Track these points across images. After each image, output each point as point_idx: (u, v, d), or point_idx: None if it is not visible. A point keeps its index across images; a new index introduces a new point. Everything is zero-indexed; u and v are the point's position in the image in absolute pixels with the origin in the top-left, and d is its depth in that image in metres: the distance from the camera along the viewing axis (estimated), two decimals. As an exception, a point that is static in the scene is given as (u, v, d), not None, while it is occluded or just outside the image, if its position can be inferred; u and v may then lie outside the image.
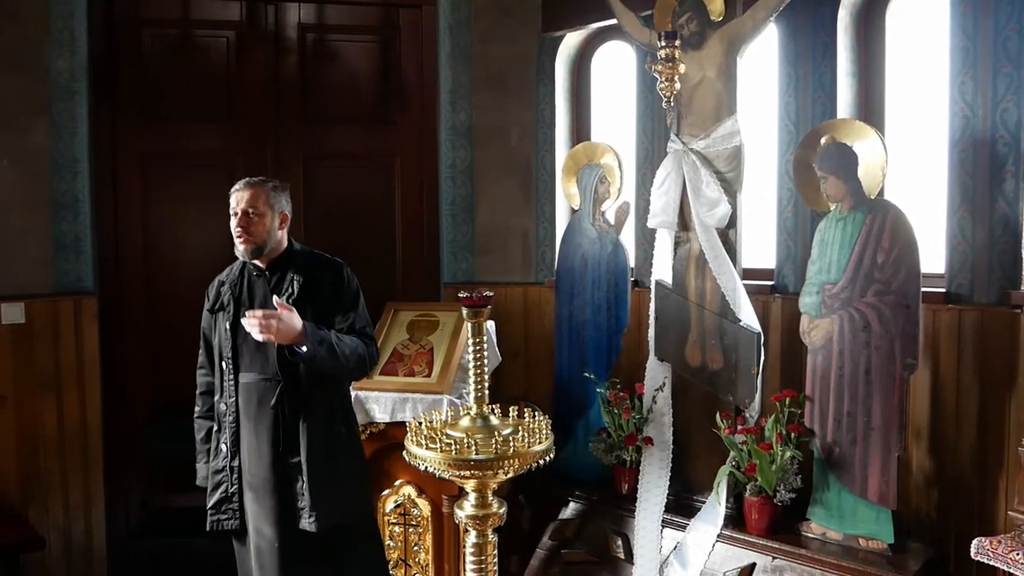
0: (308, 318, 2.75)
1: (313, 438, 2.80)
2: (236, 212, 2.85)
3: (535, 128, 4.28)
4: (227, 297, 2.90)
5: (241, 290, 2.91)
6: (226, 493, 2.88)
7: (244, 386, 2.84)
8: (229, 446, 2.86)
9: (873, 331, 2.86)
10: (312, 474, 2.79)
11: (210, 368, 2.99)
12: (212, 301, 2.95)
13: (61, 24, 3.83)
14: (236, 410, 2.85)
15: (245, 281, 2.92)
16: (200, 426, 3.02)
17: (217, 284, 2.97)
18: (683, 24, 3.25)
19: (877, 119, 3.32)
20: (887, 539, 2.86)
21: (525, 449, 2.05)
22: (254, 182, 2.90)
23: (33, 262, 3.85)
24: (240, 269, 2.95)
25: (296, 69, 4.23)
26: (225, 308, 2.90)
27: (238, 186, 2.91)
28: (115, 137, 4.07)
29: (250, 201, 2.83)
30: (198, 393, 3.05)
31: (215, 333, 2.93)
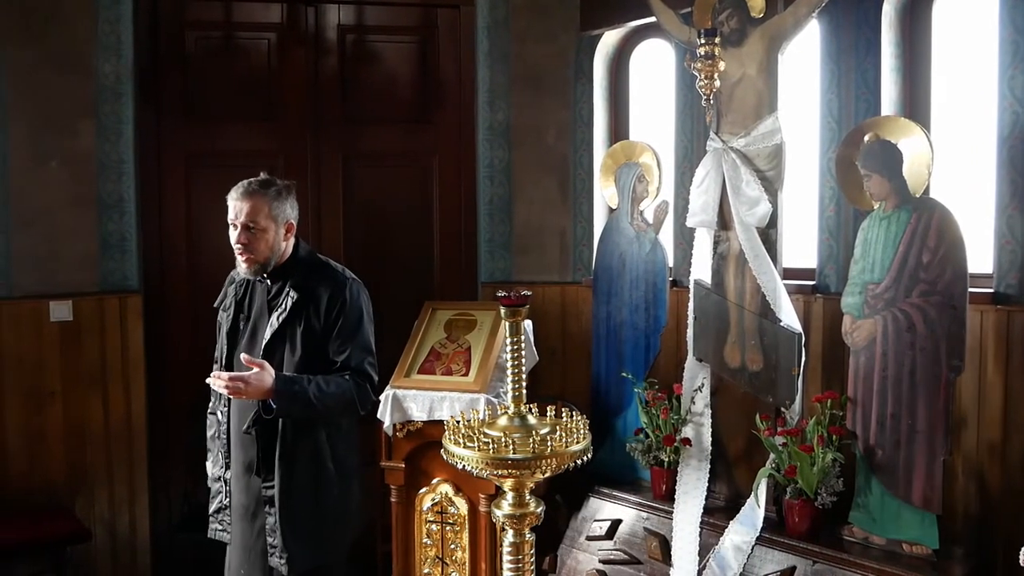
0: (298, 338, 2.60)
1: (292, 470, 2.60)
2: (235, 224, 2.61)
3: (573, 127, 4.27)
4: (228, 301, 2.82)
5: (244, 294, 2.79)
6: (221, 504, 2.82)
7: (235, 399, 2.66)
8: (223, 458, 2.76)
9: (918, 332, 2.81)
10: (286, 511, 2.59)
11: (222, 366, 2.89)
12: (219, 300, 2.89)
13: (108, 28, 3.92)
14: (228, 419, 2.74)
15: (249, 285, 2.81)
16: (211, 422, 2.87)
17: (226, 284, 2.92)
18: (723, 21, 3.22)
19: (923, 116, 3.26)
20: (932, 544, 2.81)
21: (563, 449, 2.05)
22: (254, 190, 2.65)
23: (80, 261, 3.94)
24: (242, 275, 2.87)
25: (336, 70, 4.27)
26: (227, 311, 2.79)
27: (236, 193, 2.65)
28: (159, 138, 4.15)
29: (250, 214, 2.60)
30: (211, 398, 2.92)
31: (218, 333, 2.86)
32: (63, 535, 3.63)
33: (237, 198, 2.66)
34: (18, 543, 3.54)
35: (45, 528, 3.64)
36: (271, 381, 2.50)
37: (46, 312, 3.84)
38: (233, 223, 2.64)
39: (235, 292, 2.84)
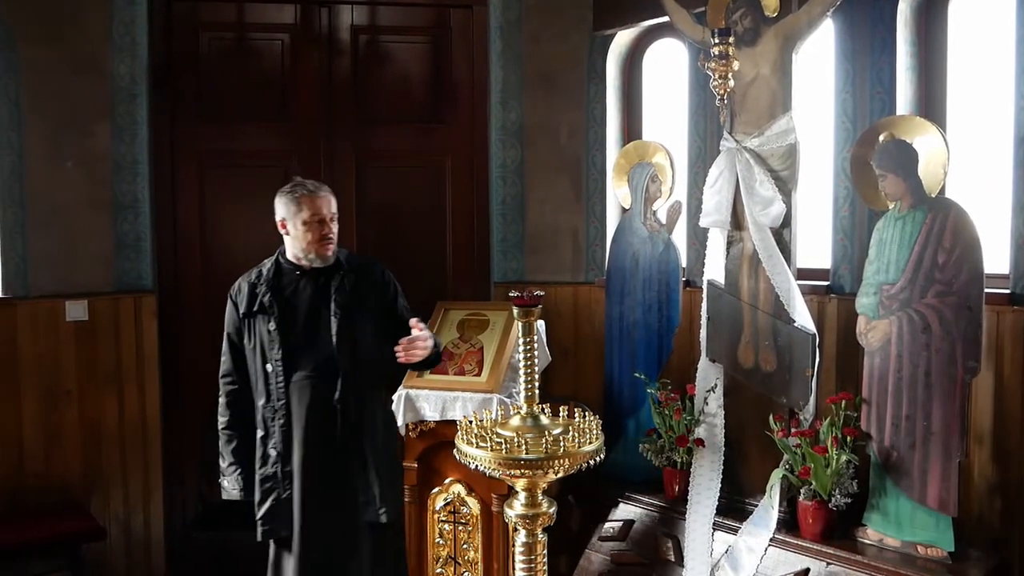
0: (365, 315, 2.87)
1: (376, 430, 2.87)
2: (320, 218, 2.85)
3: (586, 127, 4.27)
4: (267, 299, 2.88)
5: (287, 291, 2.90)
6: (277, 500, 2.86)
7: (297, 385, 2.84)
8: (281, 450, 2.85)
9: (933, 333, 2.79)
10: (378, 465, 2.85)
11: (239, 375, 2.95)
12: (246, 305, 2.92)
13: (123, 30, 3.95)
14: (287, 411, 2.84)
15: (286, 282, 2.91)
16: (229, 437, 2.97)
17: (247, 288, 2.94)
18: (737, 20, 3.20)
19: (938, 115, 3.24)
20: (947, 547, 2.78)
21: (575, 449, 2.05)
22: (327, 188, 2.94)
23: (96, 261, 3.97)
24: (275, 271, 2.93)
25: (349, 70, 4.28)
26: (268, 310, 2.87)
27: (316, 191, 2.88)
28: (174, 139, 4.17)
29: (331, 208, 2.90)
30: (224, 403, 2.98)
31: (252, 337, 2.91)
32: (78, 533, 3.66)
33: (322, 195, 2.89)
34: (34, 541, 3.57)
35: (60, 526, 3.67)
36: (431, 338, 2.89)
37: (62, 312, 3.88)
38: (316, 218, 2.85)
39: (270, 293, 2.89)
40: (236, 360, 2.96)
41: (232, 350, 2.97)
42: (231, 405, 2.97)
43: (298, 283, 2.92)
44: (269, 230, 4.25)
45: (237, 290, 2.98)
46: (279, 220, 2.92)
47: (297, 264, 2.93)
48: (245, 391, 2.95)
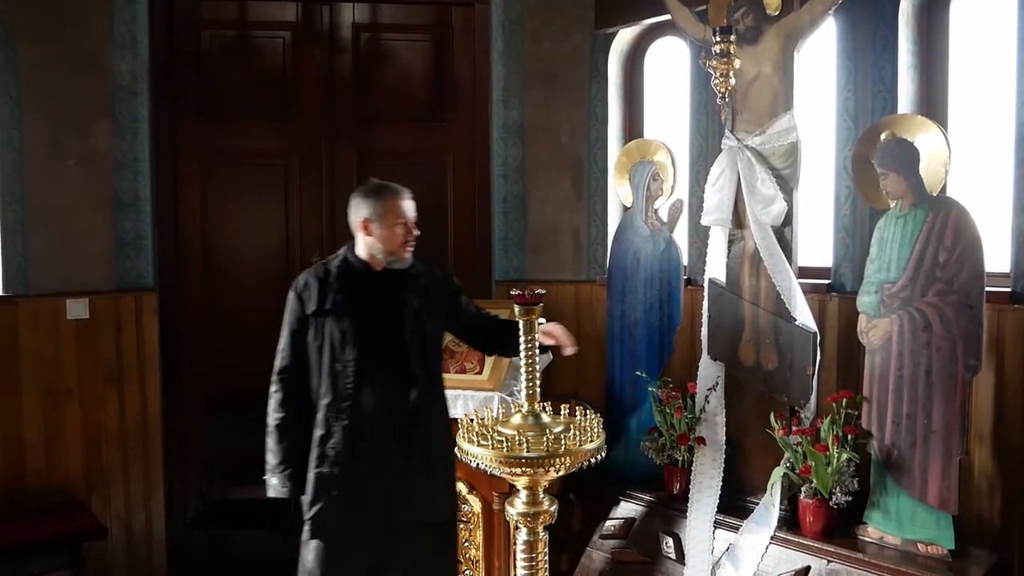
0: (434, 314, 2.93)
1: (441, 429, 2.88)
2: (406, 220, 2.87)
3: (587, 125, 4.27)
4: (340, 299, 2.85)
5: (360, 291, 2.87)
6: (332, 500, 2.82)
7: (367, 386, 2.80)
8: (341, 449, 2.80)
9: (934, 331, 2.79)
10: (441, 465, 2.88)
11: (298, 373, 2.89)
12: (316, 302, 2.86)
13: (123, 27, 3.95)
14: (352, 412, 2.80)
15: (358, 282, 2.88)
16: (283, 434, 2.88)
17: (316, 285, 2.87)
18: (739, 19, 3.20)
19: (940, 114, 3.24)
20: (948, 545, 2.79)
21: (576, 447, 2.05)
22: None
23: (97, 259, 3.97)
24: (344, 269, 2.89)
25: (350, 68, 4.28)
26: (342, 310, 2.83)
27: (403, 192, 2.91)
28: (175, 137, 4.18)
29: (414, 211, 2.92)
30: (281, 400, 2.89)
31: (319, 335, 2.85)
32: (79, 532, 3.66)
33: (408, 199, 2.92)
34: (35, 540, 3.57)
35: (62, 525, 3.67)
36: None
37: (63, 310, 3.88)
38: (403, 221, 2.88)
39: (342, 292, 2.86)
40: (298, 357, 2.89)
41: (294, 347, 2.89)
42: (287, 402, 2.89)
43: (371, 283, 2.89)
44: (270, 226, 4.29)
45: (303, 286, 2.90)
46: (359, 220, 2.86)
47: (369, 264, 2.89)
48: (303, 389, 2.89)
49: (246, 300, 4.28)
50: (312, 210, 4.29)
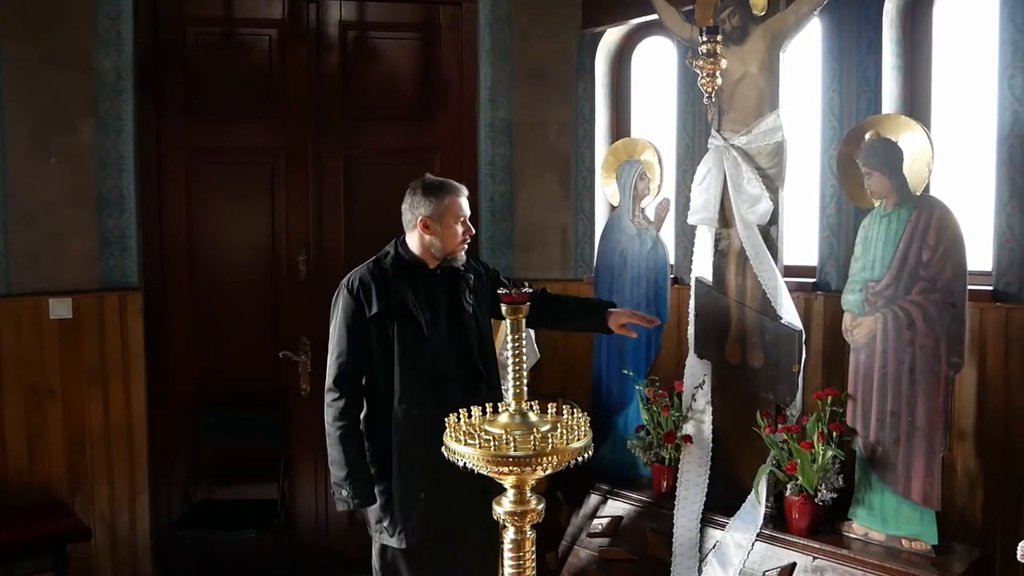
0: (485, 307, 2.94)
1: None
2: (465, 220, 2.87)
3: (575, 124, 4.27)
4: (403, 297, 2.80)
5: (420, 290, 2.83)
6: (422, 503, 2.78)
7: (444, 385, 2.77)
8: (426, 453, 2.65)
9: (918, 329, 2.82)
10: None
11: (360, 377, 2.83)
12: (379, 302, 2.79)
13: (108, 24, 3.91)
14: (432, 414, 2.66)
15: (415, 280, 2.84)
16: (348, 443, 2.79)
17: (375, 284, 2.81)
18: (725, 19, 3.22)
19: (923, 114, 3.26)
20: (931, 540, 2.81)
21: (564, 446, 2.05)
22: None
23: (80, 258, 3.94)
24: (400, 267, 2.85)
25: (337, 66, 4.26)
26: (410, 309, 2.79)
27: (462, 190, 2.89)
28: (160, 134, 4.14)
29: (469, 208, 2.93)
30: (342, 408, 2.79)
31: (386, 337, 2.79)
32: (63, 533, 3.63)
33: (465, 197, 2.91)
34: (18, 541, 3.54)
35: (45, 526, 3.64)
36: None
37: (46, 309, 3.84)
38: (463, 219, 2.88)
39: (410, 292, 2.82)
40: (359, 361, 2.81)
41: (353, 350, 2.79)
42: (351, 408, 2.80)
43: (429, 281, 2.86)
44: (257, 225, 4.26)
45: (359, 286, 2.82)
46: (419, 218, 2.82)
47: (424, 262, 2.86)
48: (361, 393, 2.84)
49: (232, 299, 4.26)
50: (299, 209, 4.27)
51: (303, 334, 4.26)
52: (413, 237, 2.87)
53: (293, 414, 4.31)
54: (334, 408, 2.81)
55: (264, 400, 4.26)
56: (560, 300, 3.26)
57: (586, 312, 3.25)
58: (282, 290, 4.28)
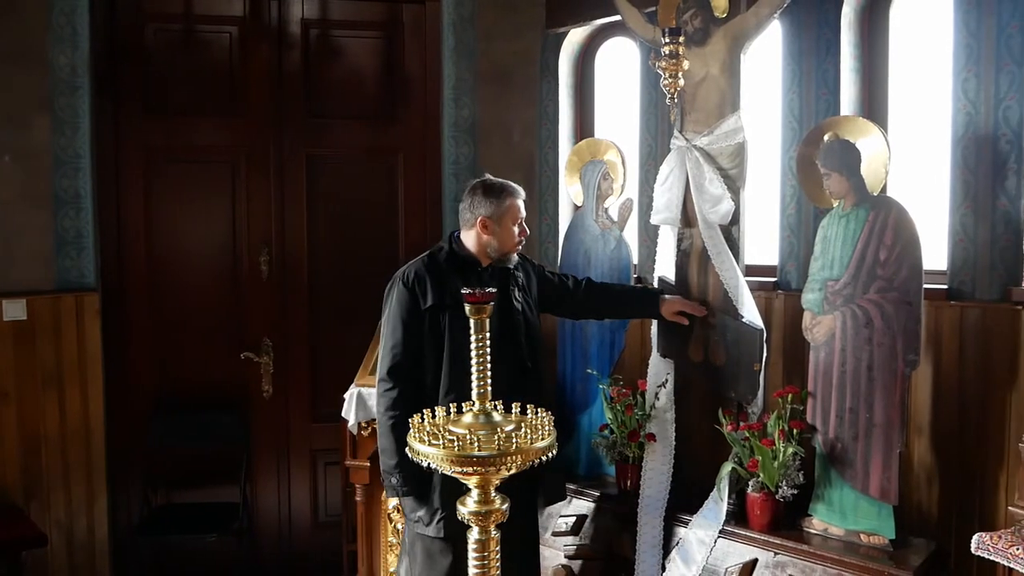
0: (532, 298, 3.05)
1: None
2: (522, 221, 2.97)
3: (538, 124, 4.28)
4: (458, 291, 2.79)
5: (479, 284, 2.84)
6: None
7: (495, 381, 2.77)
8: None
9: (875, 328, 2.86)
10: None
11: (415, 370, 2.84)
12: (435, 296, 2.83)
13: (63, 19, 3.82)
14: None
15: (470, 276, 2.89)
16: (400, 433, 2.74)
17: (430, 277, 2.85)
18: (687, 20, 3.24)
19: (880, 116, 3.32)
20: (889, 535, 2.87)
21: (528, 445, 2.05)
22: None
23: (35, 258, 3.84)
24: (454, 262, 2.90)
25: (300, 64, 4.22)
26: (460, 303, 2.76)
27: (521, 194, 2.98)
28: (118, 132, 4.07)
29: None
30: (395, 397, 2.81)
31: (440, 330, 2.82)
32: (17, 540, 3.55)
33: (522, 199, 2.99)
34: (-29, 547, 3.46)
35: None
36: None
37: (-1, 311, 3.76)
38: (519, 221, 2.97)
39: (454, 285, 2.83)
40: (412, 353, 2.83)
41: (408, 342, 2.83)
42: (403, 399, 2.81)
43: (481, 278, 2.91)
44: (218, 224, 4.20)
45: (415, 278, 2.86)
46: (478, 217, 2.89)
47: (478, 259, 2.93)
48: (414, 384, 2.84)
49: (192, 300, 4.20)
50: (260, 208, 4.22)
51: (265, 335, 4.22)
52: (470, 235, 2.94)
53: (255, 416, 4.26)
54: (387, 398, 2.85)
55: (225, 402, 4.21)
56: (607, 290, 3.36)
57: (637, 301, 3.38)
58: (243, 291, 4.23)
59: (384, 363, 2.87)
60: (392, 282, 2.94)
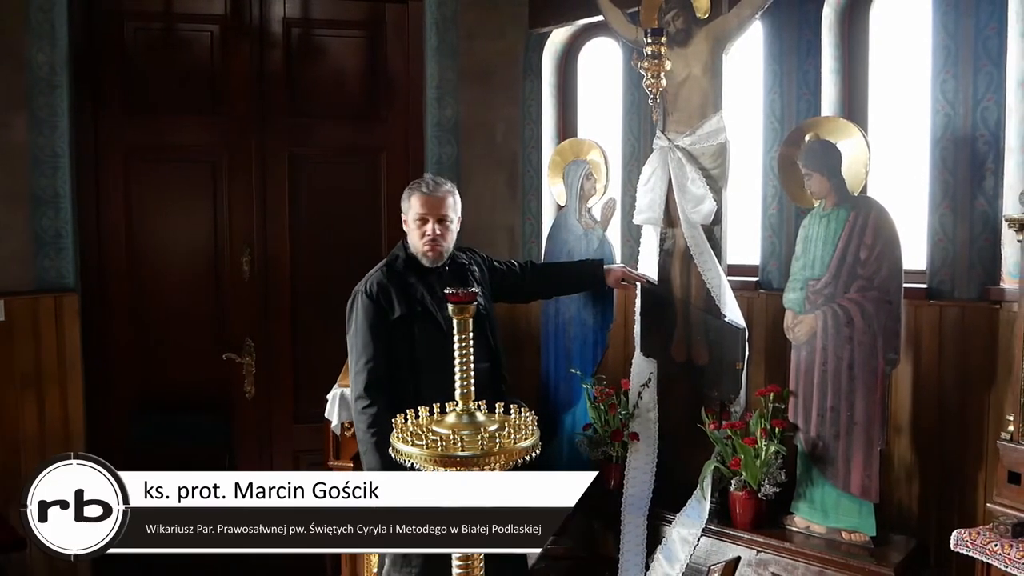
0: (488, 293, 2.99)
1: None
2: (425, 218, 2.80)
3: (521, 124, 4.28)
4: (423, 297, 2.80)
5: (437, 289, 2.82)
6: None
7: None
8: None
9: (856, 326, 2.89)
10: None
11: (389, 379, 2.79)
12: (403, 305, 2.78)
13: (41, 17, 3.78)
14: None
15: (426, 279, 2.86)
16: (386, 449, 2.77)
17: (394, 287, 2.81)
18: (669, 21, 3.25)
19: (860, 117, 3.35)
20: (869, 532, 2.89)
21: (511, 445, 2.05)
22: (447, 188, 2.90)
23: (13, 259, 3.80)
24: (413, 268, 2.86)
25: (281, 63, 4.20)
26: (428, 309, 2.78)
27: (433, 190, 2.82)
28: (97, 132, 4.02)
29: (444, 209, 2.85)
30: (376, 414, 2.75)
31: (411, 338, 2.78)
32: (-4, 543, 3.51)
33: (429, 193, 2.91)
34: (-52, 552, 3.41)
35: (-23, 536, 3.51)
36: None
37: (-24, 312, 3.71)
38: (422, 216, 2.87)
39: (425, 292, 2.80)
40: (385, 365, 2.78)
41: (379, 355, 2.78)
42: (384, 414, 2.74)
43: (442, 280, 2.84)
44: (198, 224, 4.17)
45: (378, 290, 2.81)
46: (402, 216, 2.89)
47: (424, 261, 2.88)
48: (390, 396, 2.79)
49: (174, 300, 4.16)
50: (242, 208, 4.19)
51: (247, 335, 4.19)
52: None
53: (237, 417, 4.23)
54: (367, 416, 2.77)
55: (207, 403, 4.18)
56: (551, 269, 3.41)
57: (581, 274, 3.41)
58: (225, 291, 4.20)
59: (359, 380, 2.80)
60: (354, 296, 2.87)
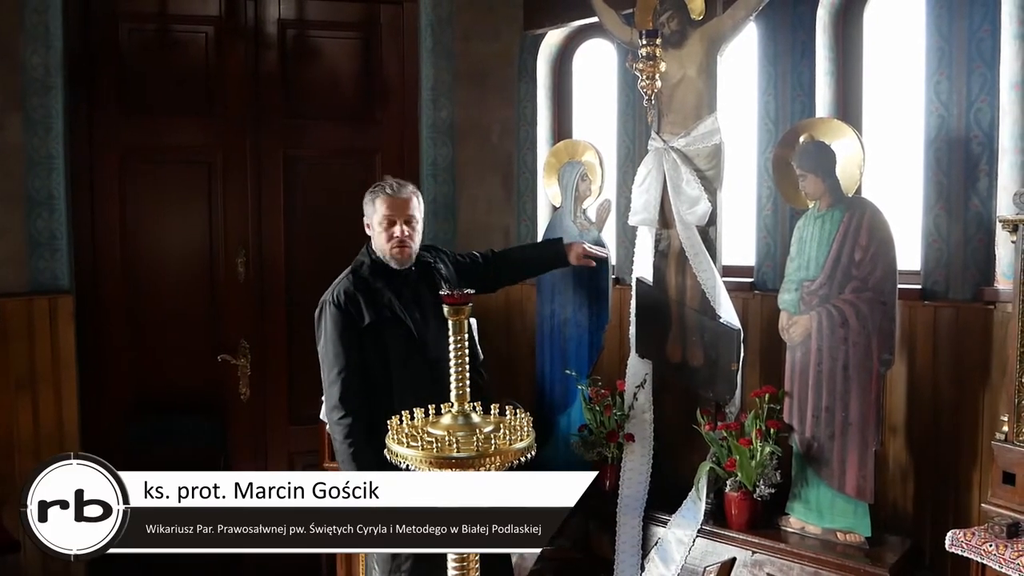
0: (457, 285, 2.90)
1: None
2: (393, 220, 2.77)
3: (517, 126, 4.28)
4: (392, 303, 2.78)
5: (405, 293, 2.82)
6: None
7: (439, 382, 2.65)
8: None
9: (851, 327, 2.89)
10: None
11: (362, 388, 2.77)
12: (372, 313, 2.76)
13: (35, 18, 3.77)
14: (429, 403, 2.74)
15: (402, 284, 2.83)
16: (363, 459, 2.71)
17: (362, 295, 2.78)
18: (664, 22, 3.26)
19: (855, 118, 3.36)
20: (865, 532, 2.89)
21: (507, 447, 2.05)
22: (411, 189, 2.87)
23: (7, 260, 3.79)
24: (379, 273, 2.83)
25: (276, 65, 4.20)
26: (396, 315, 2.77)
27: (397, 192, 2.81)
28: (92, 133, 4.02)
29: (410, 210, 2.82)
30: (350, 425, 2.73)
31: (383, 345, 2.76)
32: (-10, 545, 3.50)
33: (393, 195, 2.88)
34: (-58, 555, 3.40)
35: (-30, 538, 3.50)
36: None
37: (-30, 313, 3.70)
38: (389, 219, 2.84)
39: (394, 297, 2.78)
40: (358, 375, 2.75)
41: (352, 365, 2.75)
42: (359, 425, 2.73)
43: (409, 282, 2.83)
44: (194, 225, 4.17)
45: (346, 298, 2.78)
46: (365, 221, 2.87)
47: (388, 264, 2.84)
48: (366, 405, 2.77)
49: (169, 302, 4.16)
50: (237, 209, 4.19)
51: (242, 337, 4.19)
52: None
53: (232, 418, 4.23)
54: (342, 427, 2.75)
55: (202, 404, 4.17)
56: (513, 254, 3.43)
57: (543, 256, 3.46)
58: (220, 292, 4.20)
59: (333, 391, 2.78)
60: (321, 306, 2.84)
